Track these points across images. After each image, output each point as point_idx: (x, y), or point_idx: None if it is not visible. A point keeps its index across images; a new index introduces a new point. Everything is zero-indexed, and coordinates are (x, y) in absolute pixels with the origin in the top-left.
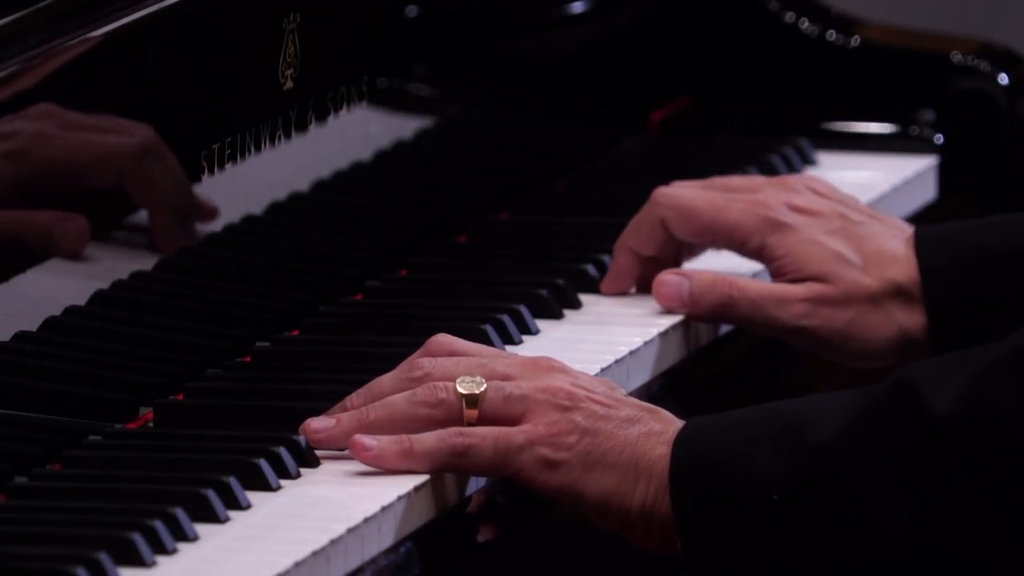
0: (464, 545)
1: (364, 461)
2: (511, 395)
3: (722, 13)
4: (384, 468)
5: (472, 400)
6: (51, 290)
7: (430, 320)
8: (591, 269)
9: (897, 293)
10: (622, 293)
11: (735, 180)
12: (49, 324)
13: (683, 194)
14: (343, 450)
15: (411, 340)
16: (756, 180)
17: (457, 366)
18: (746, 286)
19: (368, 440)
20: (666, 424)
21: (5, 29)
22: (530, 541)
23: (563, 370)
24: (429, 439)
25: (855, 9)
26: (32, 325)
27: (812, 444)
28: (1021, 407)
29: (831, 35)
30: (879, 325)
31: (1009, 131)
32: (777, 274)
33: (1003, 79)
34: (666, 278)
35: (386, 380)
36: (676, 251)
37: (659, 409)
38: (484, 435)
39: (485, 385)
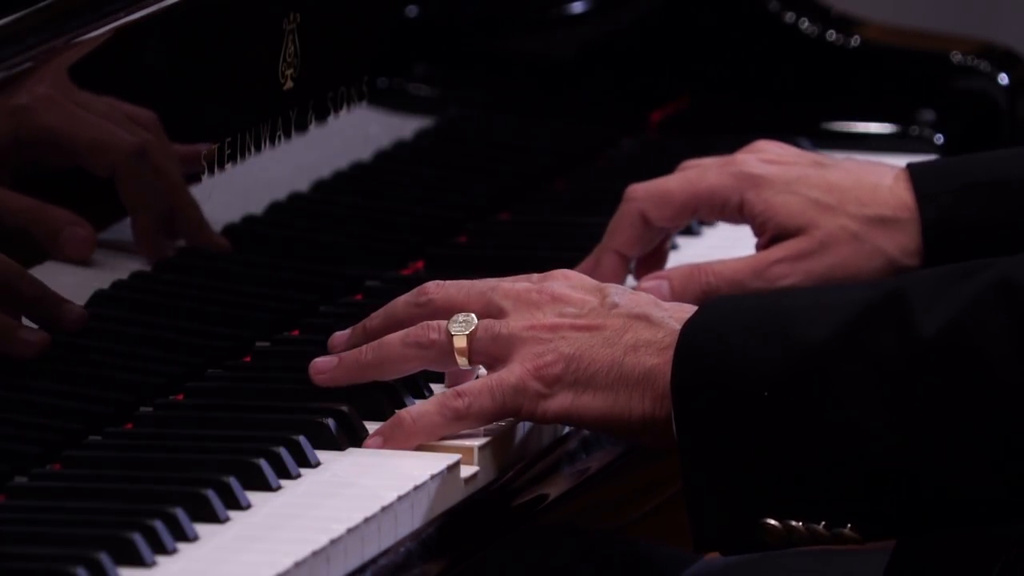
0: (464, 545)
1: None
2: (499, 335)
3: (722, 13)
4: (399, 448)
5: (462, 339)
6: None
7: None
8: None
9: (878, 223)
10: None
11: (707, 159)
12: None
13: (654, 182)
14: (342, 449)
15: None
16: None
17: (459, 293)
18: (721, 269)
19: (373, 439)
20: (656, 330)
21: (5, 29)
22: (531, 541)
23: (555, 299)
24: (429, 409)
25: (855, 9)
26: (32, 325)
27: (800, 344)
28: (998, 341)
29: (831, 35)
30: (864, 259)
31: (1009, 131)
32: (759, 232)
33: (1003, 79)
34: (645, 285)
35: (400, 303)
36: (659, 243)
37: (651, 312)
38: (480, 389)
39: (475, 325)
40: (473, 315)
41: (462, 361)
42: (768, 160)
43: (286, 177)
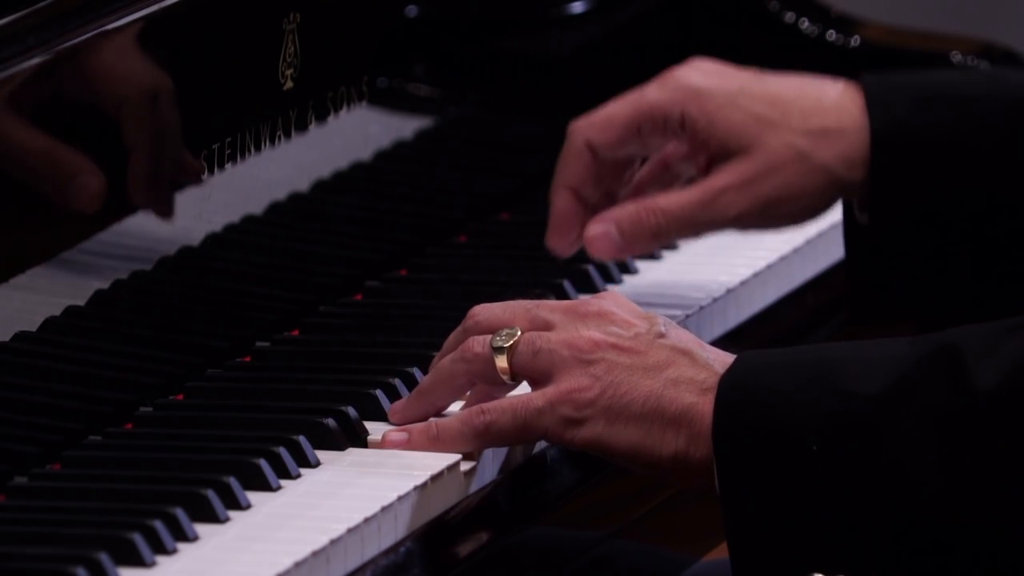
0: (464, 546)
1: (400, 448)
2: (540, 350)
3: (722, 13)
4: (420, 450)
5: (503, 353)
6: (51, 290)
7: (430, 320)
8: (592, 270)
9: (823, 135)
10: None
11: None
12: (49, 324)
13: (596, 111)
14: (342, 449)
15: (411, 340)
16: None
17: (504, 312)
18: (667, 205)
19: (396, 435)
20: (699, 369)
21: (5, 29)
22: (530, 542)
23: (600, 315)
24: (452, 423)
25: (855, 9)
26: (32, 325)
27: (852, 398)
28: None
29: (831, 35)
30: (809, 177)
31: None
32: (699, 148)
33: None
34: (593, 232)
35: (451, 335)
36: (610, 182)
37: (695, 350)
38: (504, 408)
39: (517, 338)
40: (519, 329)
41: (505, 377)
42: (708, 72)
43: (286, 177)
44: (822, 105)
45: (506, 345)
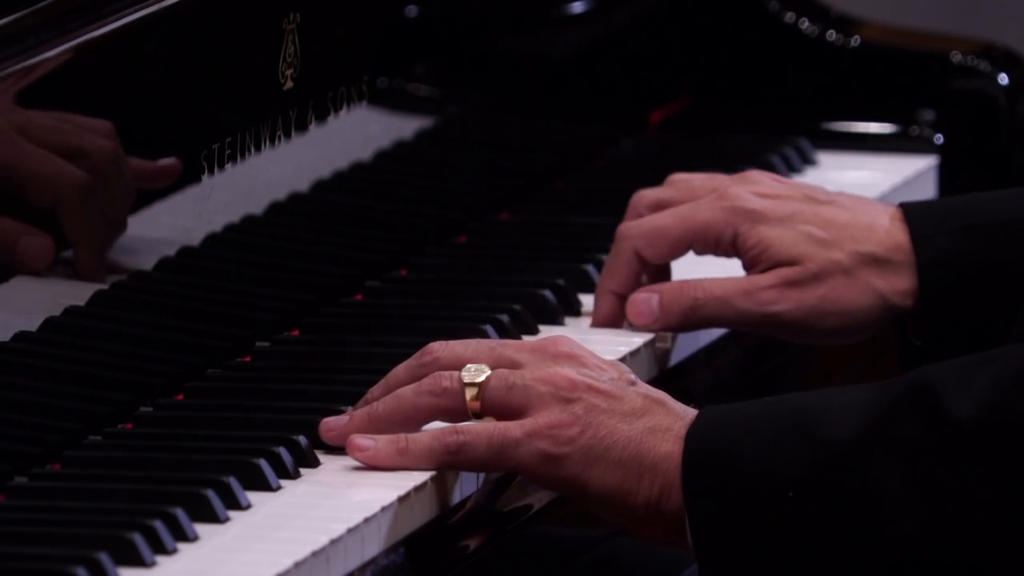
0: (465, 545)
1: (361, 461)
2: (514, 385)
3: (722, 13)
4: (382, 467)
5: (474, 388)
6: (51, 290)
7: (430, 320)
8: (591, 270)
9: (872, 262)
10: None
11: (697, 177)
12: (49, 324)
13: (647, 220)
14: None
15: (411, 340)
16: (718, 178)
17: (466, 349)
18: (710, 286)
19: (363, 440)
20: (674, 418)
21: (5, 29)
22: (530, 542)
23: (571, 356)
24: (424, 438)
25: (855, 9)
26: (32, 325)
27: (828, 442)
28: None
29: (831, 35)
30: (856, 295)
31: (1009, 131)
32: (751, 265)
33: (1003, 79)
34: (636, 297)
35: (401, 368)
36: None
37: (667, 400)
38: (479, 431)
39: (488, 373)
40: (486, 366)
41: (473, 413)
42: (762, 194)
43: (286, 177)
44: (873, 232)
45: (478, 380)
